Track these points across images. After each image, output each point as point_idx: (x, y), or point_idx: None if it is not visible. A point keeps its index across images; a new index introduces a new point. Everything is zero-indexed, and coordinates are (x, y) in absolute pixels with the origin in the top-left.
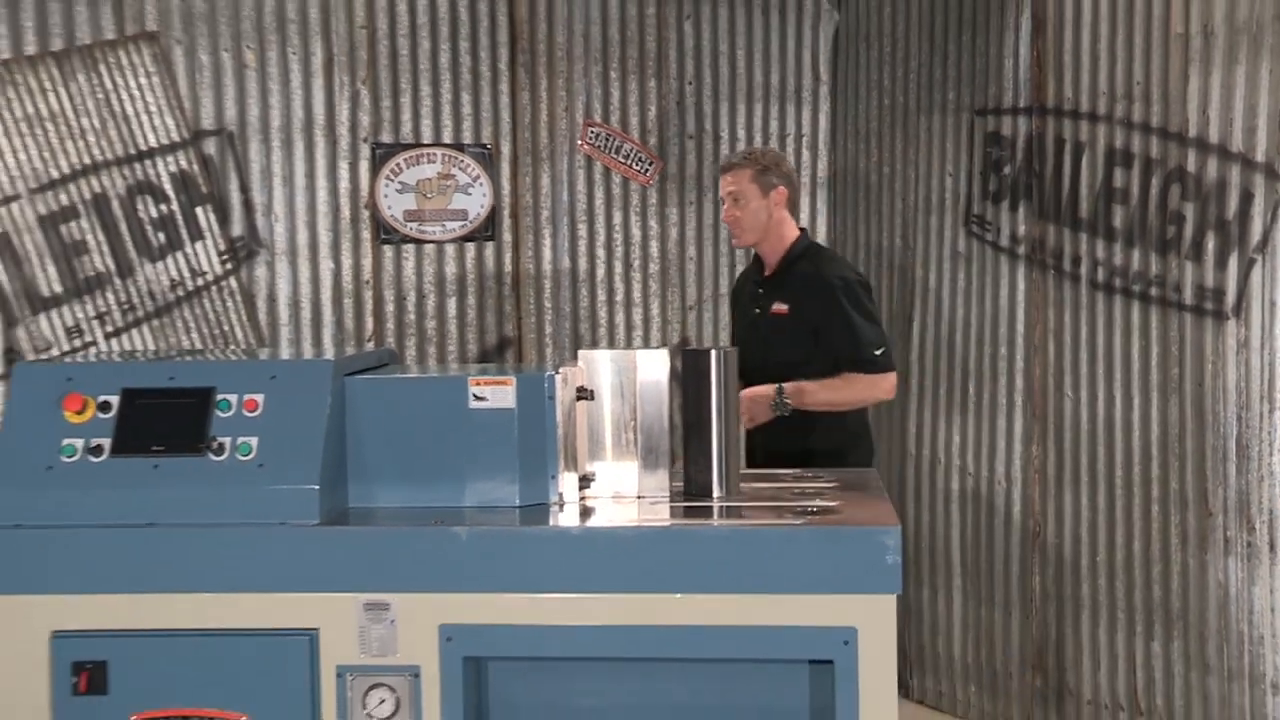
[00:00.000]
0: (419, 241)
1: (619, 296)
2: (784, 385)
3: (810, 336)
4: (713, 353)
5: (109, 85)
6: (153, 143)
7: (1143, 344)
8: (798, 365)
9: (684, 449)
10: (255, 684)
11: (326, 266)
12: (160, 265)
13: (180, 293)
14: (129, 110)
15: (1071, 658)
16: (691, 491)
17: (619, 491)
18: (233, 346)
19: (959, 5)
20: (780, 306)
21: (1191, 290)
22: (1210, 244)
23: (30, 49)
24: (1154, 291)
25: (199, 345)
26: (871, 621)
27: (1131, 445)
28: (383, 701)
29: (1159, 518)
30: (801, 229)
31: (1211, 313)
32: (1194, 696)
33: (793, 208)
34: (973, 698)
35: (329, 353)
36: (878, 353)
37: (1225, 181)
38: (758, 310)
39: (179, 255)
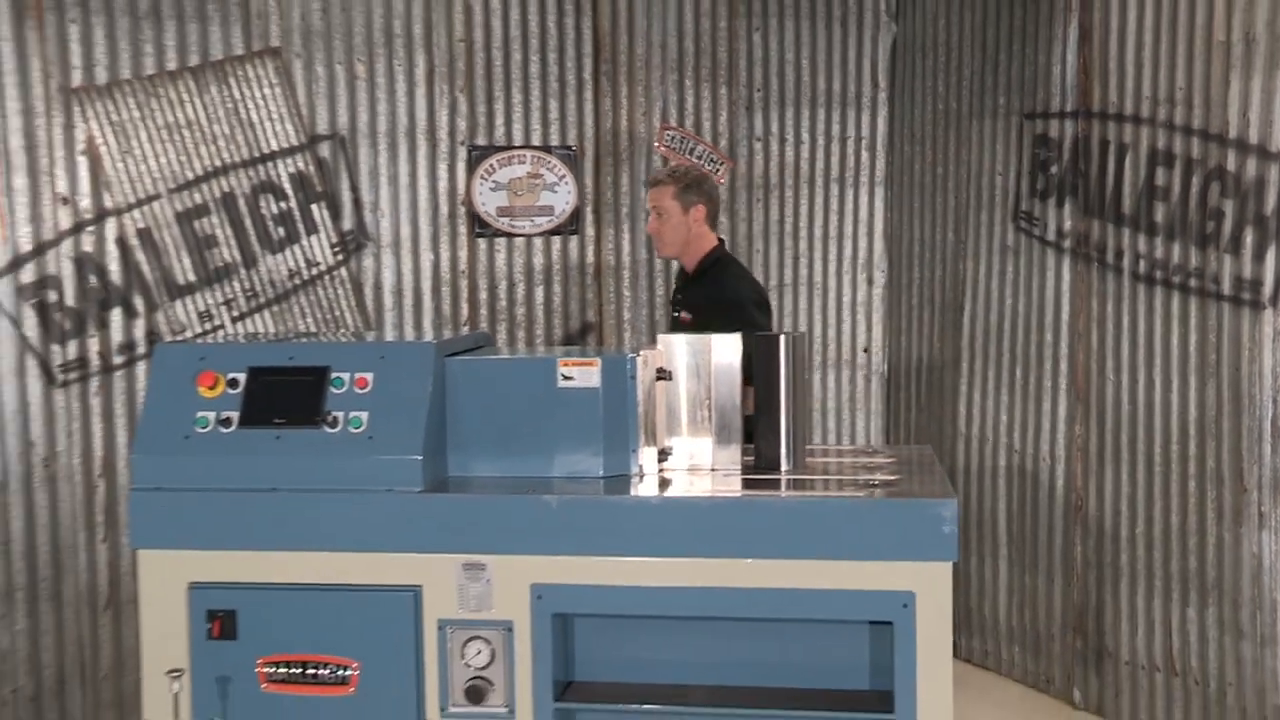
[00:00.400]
0: (510, 235)
1: None
2: None
3: None
4: (782, 338)
5: (237, 96)
6: (274, 147)
7: (1182, 332)
8: None
9: (754, 426)
10: (366, 634)
11: (427, 258)
12: (280, 256)
13: (297, 281)
14: (254, 118)
15: (1111, 622)
16: (761, 465)
17: (694, 464)
18: (343, 330)
19: (1010, 18)
20: (686, 315)
21: (1230, 281)
22: (1248, 238)
23: (171, 65)
24: (1193, 283)
25: (313, 328)
26: (929, 586)
27: (1170, 426)
28: (479, 652)
29: (1196, 493)
30: (720, 240)
31: (1249, 303)
32: (1227, 660)
33: (712, 222)
34: (1016, 657)
35: (431, 335)
36: None
37: (1264, 179)
38: (675, 314)
39: (296, 248)
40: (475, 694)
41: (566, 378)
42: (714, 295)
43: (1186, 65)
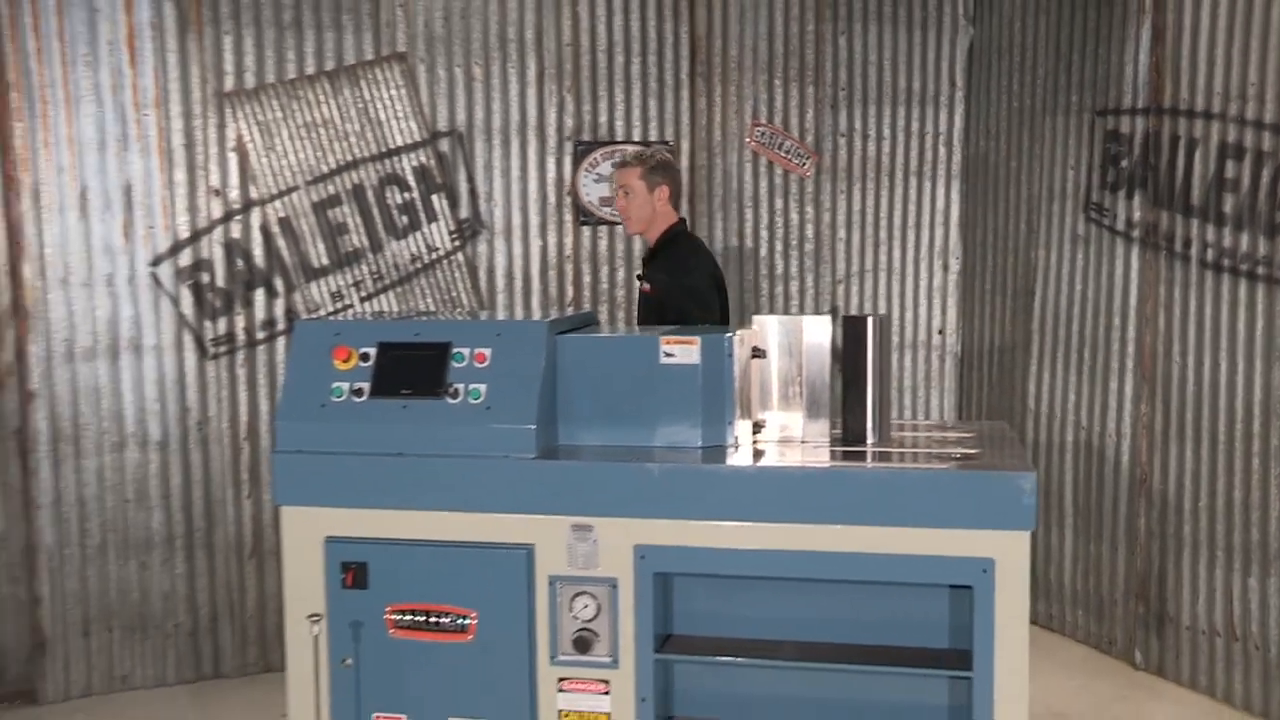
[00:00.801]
0: (611, 224)
1: (779, 271)
2: None
3: (666, 312)
4: (869, 319)
5: (367, 97)
6: (399, 142)
7: (1248, 317)
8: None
9: (842, 401)
10: (483, 587)
11: (535, 244)
12: (403, 242)
13: (418, 265)
14: (381, 116)
15: (1173, 589)
16: (848, 438)
17: (786, 436)
18: (460, 309)
19: (1083, 20)
20: (647, 286)
21: None
22: None
23: (310, 70)
24: (1260, 270)
25: (433, 308)
26: (1008, 554)
27: (1235, 406)
28: (586, 606)
29: (1259, 470)
30: (681, 219)
31: None
32: None
33: (675, 202)
34: (1080, 620)
35: (542, 315)
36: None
37: None
38: (640, 285)
39: (418, 234)
40: (582, 644)
41: (668, 355)
42: (675, 275)
43: (1260, 62)
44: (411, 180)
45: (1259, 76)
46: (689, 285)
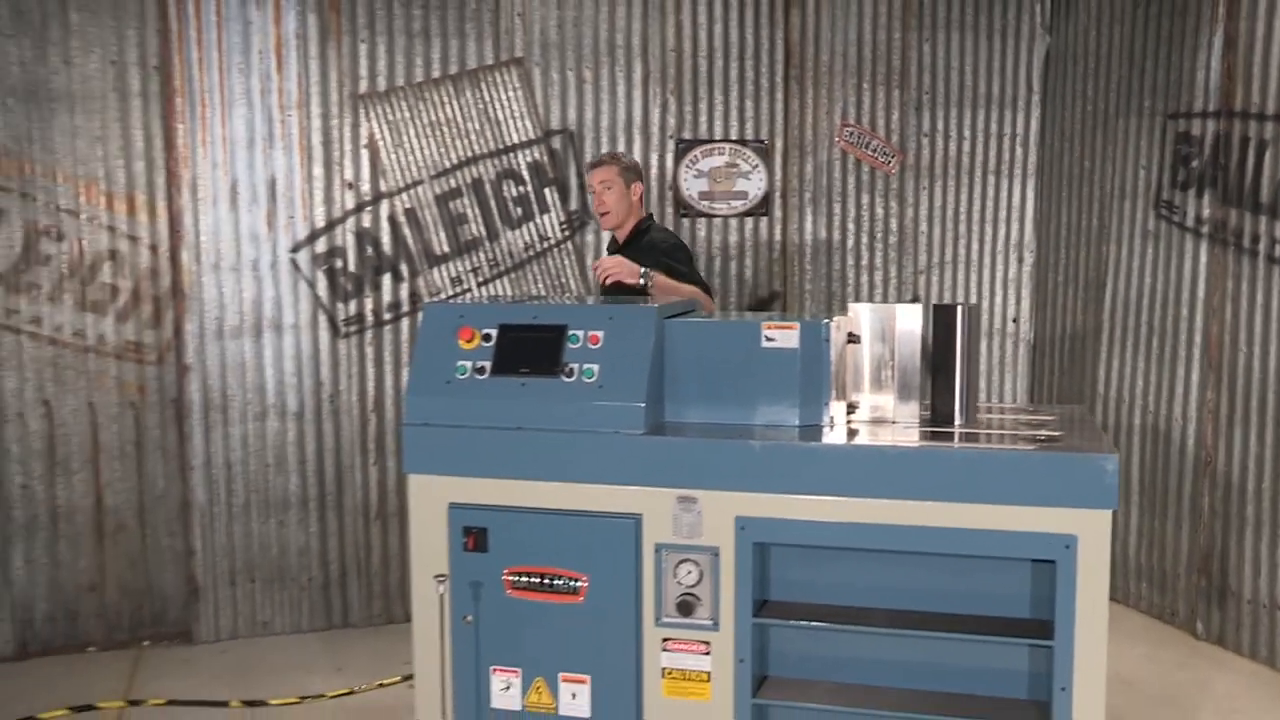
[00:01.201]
0: (710, 216)
1: (864, 261)
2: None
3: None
4: (959, 308)
5: (486, 98)
6: (515, 140)
7: None
8: None
9: (931, 384)
10: (594, 552)
11: None
12: (517, 232)
13: (531, 253)
14: (499, 116)
15: (1235, 564)
16: (937, 419)
17: (878, 417)
18: (569, 294)
19: (1157, 28)
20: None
21: None
22: None
23: (435, 74)
24: None
25: (544, 293)
26: (1090, 531)
27: None
28: (690, 573)
29: None
30: (649, 214)
31: None
32: None
33: (642, 200)
34: (1143, 592)
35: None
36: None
37: None
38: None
39: (531, 225)
40: (685, 608)
41: (769, 339)
42: (663, 241)
43: None
44: (526, 175)
45: None
46: (677, 243)
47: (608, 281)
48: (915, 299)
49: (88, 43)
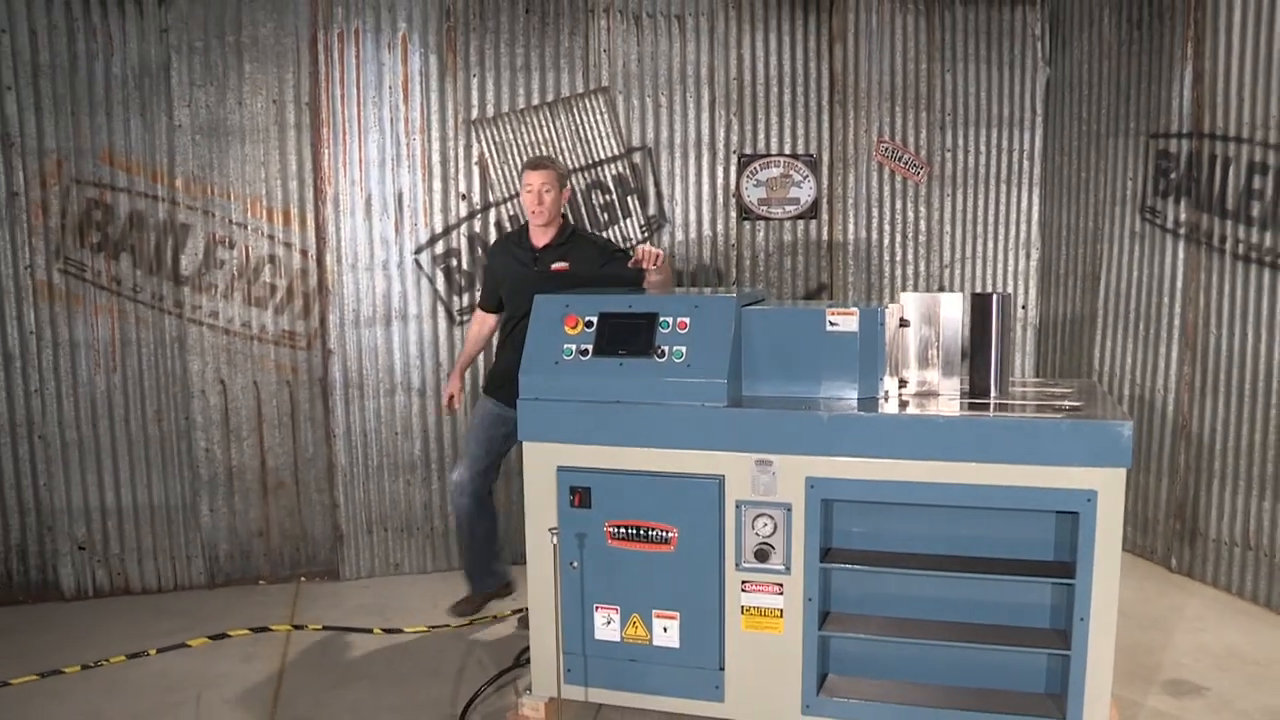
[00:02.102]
0: (766, 219)
1: (897, 257)
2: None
3: (580, 283)
4: (994, 296)
5: (578, 121)
6: (602, 156)
7: (1270, 298)
8: None
9: (970, 362)
10: (683, 509)
11: (707, 235)
12: (605, 234)
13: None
14: (589, 136)
15: (1204, 511)
16: (975, 392)
17: (925, 390)
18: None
19: (1139, 63)
20: (561, 265)
21: None
22: None
23: (535, 102)
24: None
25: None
26: (1108, 486)
27: (1258, 368)
28: (765, 525)
29: (1275, 419)
30: (566, 216)
31: None
32: None
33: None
34: (1128, 534)
35: (731, 292)
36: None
37: None
38: (536, 269)
39: (615, 228)
40: (762, 555)
41: (833, 324)
42: (591, 246)
43: (1279, 98)
44: (611, 185)
45: (1279, 109)
46: (613, 244)
47: (659, 263)
48: (942, 289)
49: (255, 86)
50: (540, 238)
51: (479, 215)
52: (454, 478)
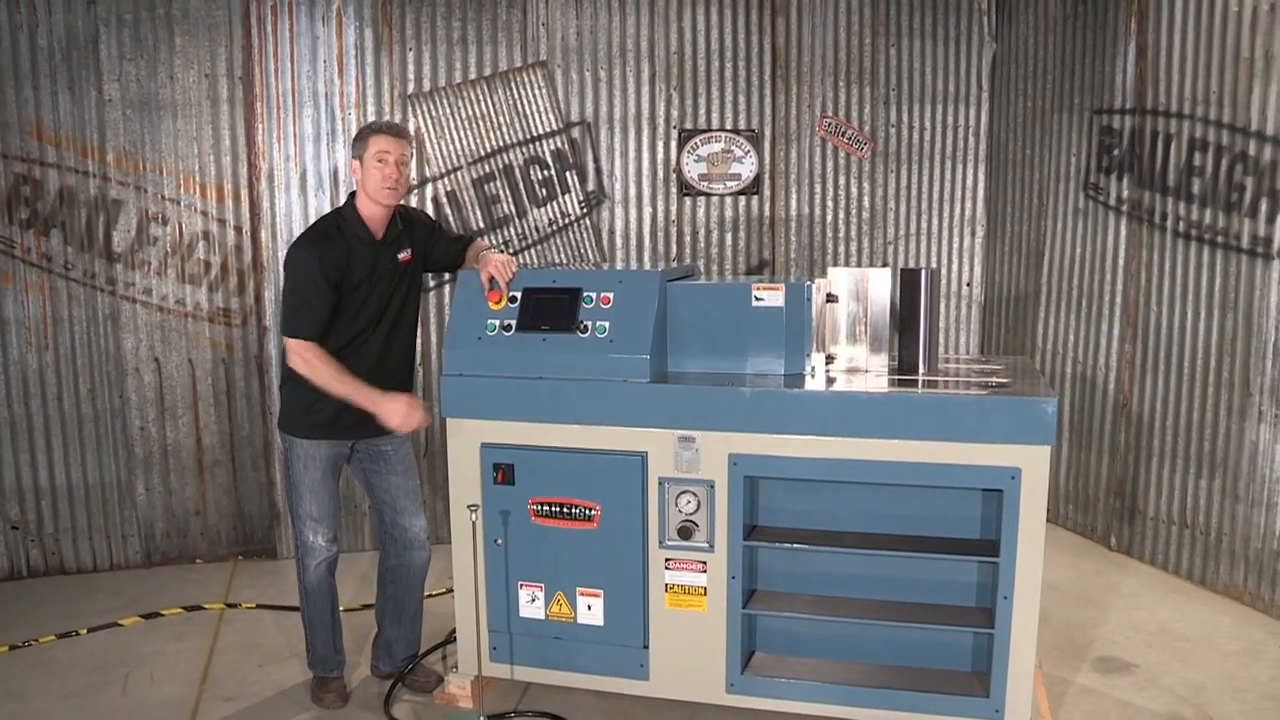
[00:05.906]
0: (708, 195)
1: (840, 234)
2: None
3: (424, 262)
4: (922, 271)
5: (516, 96)
6: (540, 131)
7: (1209, 275)
8: (421, 291)
9: (899, 338)
10: (606, 485)
11: (647, 211)
12: (542, 210)
13: (554, 228)
14: (527, 110)
15: (1143, 489)
16: (903, 369)
17: (852, 367)
18: (586, 262)
19: (1084, 39)
20: (405, 254)
21: (1247, 239)
22: (1263, 206)
23: (472, 76)
24: (1219, 239)
25: (565, 262)
26: (1032, 464)
27: (1197, 346)
28: (689, 502)
29: (1213, 396)
30: None
31: (1261, 255)
32: (1225, 517)
33: None
34: (1070, 513)
35: (653, 266)
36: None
37: (1277, 162)
38: (392, 266)
39: (554, 204)
40: (685, 532)
41: (758, 299)
42: (414, 221)
43: (1220, 75)
44: (550, 161)
45: (1219, 86)
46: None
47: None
48: (884, 265)
49: (187, 60)
50: (377, 226)
51: (415, 191)
52: (311, 541)
